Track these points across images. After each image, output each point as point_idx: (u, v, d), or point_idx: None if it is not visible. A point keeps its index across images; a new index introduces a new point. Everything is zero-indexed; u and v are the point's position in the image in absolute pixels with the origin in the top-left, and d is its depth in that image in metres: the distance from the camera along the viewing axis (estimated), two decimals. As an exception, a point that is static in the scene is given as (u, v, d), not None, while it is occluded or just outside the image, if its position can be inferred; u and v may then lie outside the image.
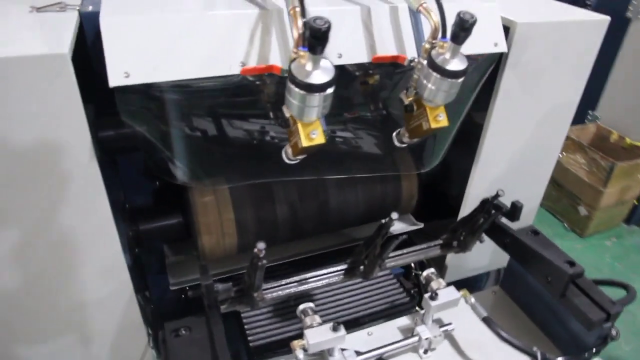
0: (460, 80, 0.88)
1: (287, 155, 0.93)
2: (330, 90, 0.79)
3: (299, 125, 0.84)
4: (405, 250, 1.17)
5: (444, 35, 0.87)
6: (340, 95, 1.16)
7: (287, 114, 0.84)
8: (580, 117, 3.08)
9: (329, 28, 0.72)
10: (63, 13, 0.88)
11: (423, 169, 1.35)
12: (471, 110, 1.24)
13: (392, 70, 1.10)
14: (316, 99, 0.78)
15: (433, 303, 1.02)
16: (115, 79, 0.81)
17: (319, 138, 0.84)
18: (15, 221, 0.85)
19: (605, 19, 1.22)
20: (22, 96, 0.75)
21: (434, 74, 0.87)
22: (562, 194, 2.96)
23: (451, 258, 1.45)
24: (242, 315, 1.25)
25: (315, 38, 0.73)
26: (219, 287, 0.95)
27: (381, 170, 1.34)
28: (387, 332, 1.12)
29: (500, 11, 1.12)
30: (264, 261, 0.88)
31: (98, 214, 0.89)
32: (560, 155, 2.93)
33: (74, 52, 0.77)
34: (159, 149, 0.99)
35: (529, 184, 1.47)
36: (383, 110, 1.19)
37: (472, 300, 1.09)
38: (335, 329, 0.94)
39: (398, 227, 1.52)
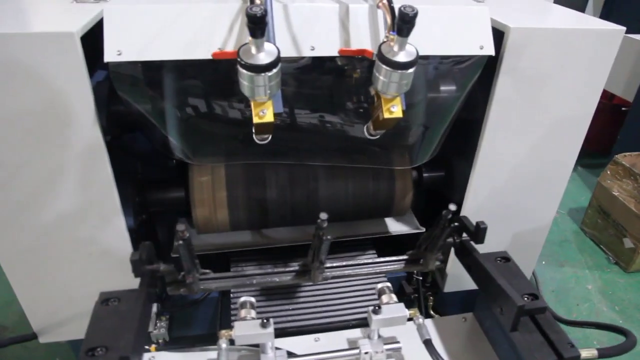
0: (410, 71, 0.91)
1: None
2: (274, 71, 0.86)
3: (252, 103, 0.91)
4: (369, 260, 1.16)
5: (393, 29, 0.91)
6: (325, 86, 1.24)
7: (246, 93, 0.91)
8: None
9: (265, 14, 0.79)
10: (95, 4, 1.06)
11: (410, 165, 1.38)
12: (468, 116, 1.25)
13: (367, 65, 1.13)
14: (261, 78, 0.86)
15: (375, 317, 1.00)
16: (109, 55, 0.95)
17: (268, 117, 0.91)
18: (28, 175, 1.03)
19: (620, 29, 1.17)
20: (39, 65, 0.92)
21: (383, 66, 0.90)
22: (608, 224, 2.74)
23: (452, 267, 1.41)
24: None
25: (252, 23, 0.79)
26: (140, 258, 0.99)
27: (368, 162, 1.37)
28: (334, 340, 1.12)
29: (491, 15, 1.13)
30: (188, 242, 0.95)
31: (100, 176, 1.06)
32: (608, 182, 2.70)
33: (96, 37, 0.95)
34: (152, 124, 1.10)
35: (537, 201, 1.41)
36: (364, 103, 1.22)
37: (420, 320, 1.06)
38: (264, 325, 0.95)
39: (400, 229, 1.52)
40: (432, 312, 1.67)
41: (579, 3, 3.96)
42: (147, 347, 1.17)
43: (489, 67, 1.15)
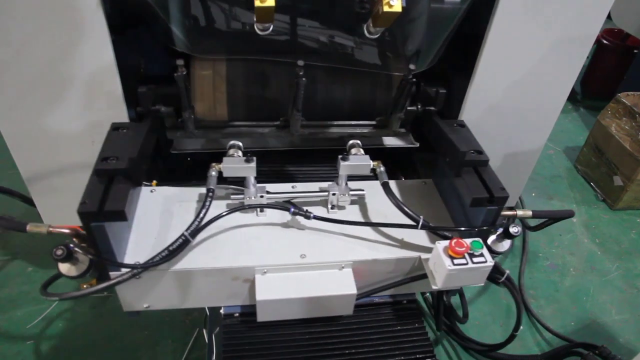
0: None
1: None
2: None
3: None
4: (341, 123, 1.28)
5: None
6: None
7: None
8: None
9: None
10: None
11: (408, 71, 1.33)
12: (471, 30, 1.22)
13: None
14: None
15: (342, 163, 1.14)
16: None
17: (269, 0, 0.95)
18: (33, 53, 1.06)
19: None
20: None
21: None
22: (602, 162, 2.81)
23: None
24: None
25: None
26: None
27: (367, 65, 1.36)
28: (308, 187, 1.27)
29: None
30: (185, 77, 1.04)
31: (103, 58, 1.09)
32: (607, 120, 2.75)
33: None
34: (155, 12, 1.13)
35: (530, 124, 1.40)
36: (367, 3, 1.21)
37: (382, 168, 1.20)
38: (247, 161, 1.10)
39: (395, 143, 1.57)
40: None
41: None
42: (147, 183, 1.27)
43: None
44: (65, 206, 1.20)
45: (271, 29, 1.10)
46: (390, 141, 1.57)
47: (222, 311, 1.22)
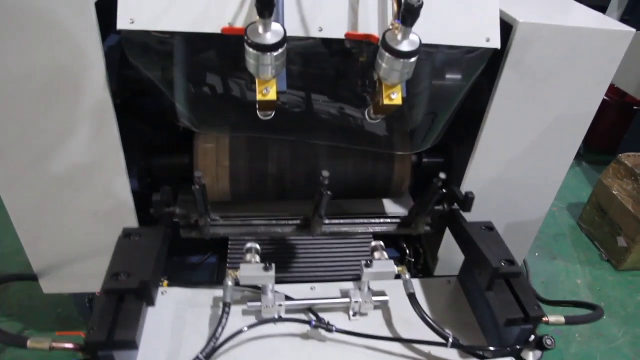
0: (412, 61, 0.92)
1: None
2: (280, 51, 0.89)
3: (257, 81, 0.94)
4: (363, 221, 1.24)
5: (399, 18, 0.92)
6: (330, 67, 1.26)
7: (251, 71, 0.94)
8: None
9: None
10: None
11: (411, 151, 1.40)
12: (472, 106, 1.25)
13: (373, 49, 1.13)
14: (267, 58, 0.89)
15: (366, 270, 1.10)
16: (122, 23, 0.98)
17: (271, 95, 0.94)
18: (39, 132, 1.07)
19: (630, 31, 1.16)
20: (55, 27, 0.95)
21: (386, 53, 0.92)
22: (605, 222, 2.79)
23: (444, 251, 1.49)
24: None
25: (261, 4, 0.82)
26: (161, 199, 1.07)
27: (369, 145, 1.39)
28: (328, 290, 1.21)
29: (501, 6, 1.11)
30: (203, 187, 1.01)
31: (108, 137, 1.10)
32: (609, 181, 2.76)
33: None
34: (161, 91, 1.14)
35: (533, 194, 1.42)
36: (368, 87, 1.23)
37: (407, 276, 1.15)
38: (266, 269, 1.05)
39: (396, 210, 1.57)
40: None
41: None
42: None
43: (494, 59, 1.14)
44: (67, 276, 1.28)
45: (273, 114, 1.09)
46: (391, 208, 1.57)
47: None
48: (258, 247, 1.14)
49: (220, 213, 1.24)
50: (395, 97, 0.98)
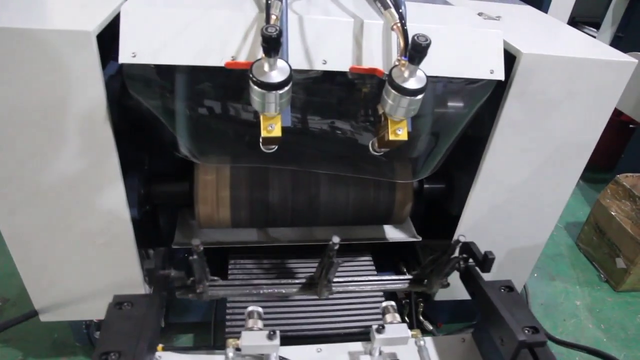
0: (418, 98, 0.91)
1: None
2: (286, 89, 0.87)
3: (261, 117, 0.92)
4: (372, 278, 1.17)
5: (405, 54, 0.91)
6: (334, 99, 1.25)
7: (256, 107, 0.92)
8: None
9: (280, 35, 0.79)
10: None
11: (412, 179, 1.40)
12: (474, 133, 1.26)
13: (377, 82, 1.14)
14: (272, 96, 0.87)
15: (378, 336, 1.03)
16: (124, 57, 0.96)
17: (276, 131, 0.92)
18: (39, 165, 1.06)
19: (632, 61, 1.16)
20: (55, 60, 0.93)
21: (392, 90, 0.91)
22: (603, 242, 2.78)
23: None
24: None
25: (267, 43, 0.80)
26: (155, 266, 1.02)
27: (371, 174, 1.39)
28: (335, 352, 1.14)
29: (504, 39, 1.11)
30: (201, 255, 0.97)
31: (108, 166, 1.09)
32: (607, 201, 2.74)
33: (111, 30, 0.96)
34: (161, 122, 1.12)
35: (534, 220, 1.43)
36: (371, 118, 1.24)
37: (422, 342, 1.08)
38: (270, 337, 0.98)
39: (397, 236, 1.56)
40: (421, 319, 1.72)
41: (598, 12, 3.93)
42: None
43: (498, 88, 1.15)
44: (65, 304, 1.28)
45: (276, 147, 1.08)
46: (392, 234, 1.56)
47: None
48: (260, 310, 1.07)
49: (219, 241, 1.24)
50: (401, 133, 0.97)
